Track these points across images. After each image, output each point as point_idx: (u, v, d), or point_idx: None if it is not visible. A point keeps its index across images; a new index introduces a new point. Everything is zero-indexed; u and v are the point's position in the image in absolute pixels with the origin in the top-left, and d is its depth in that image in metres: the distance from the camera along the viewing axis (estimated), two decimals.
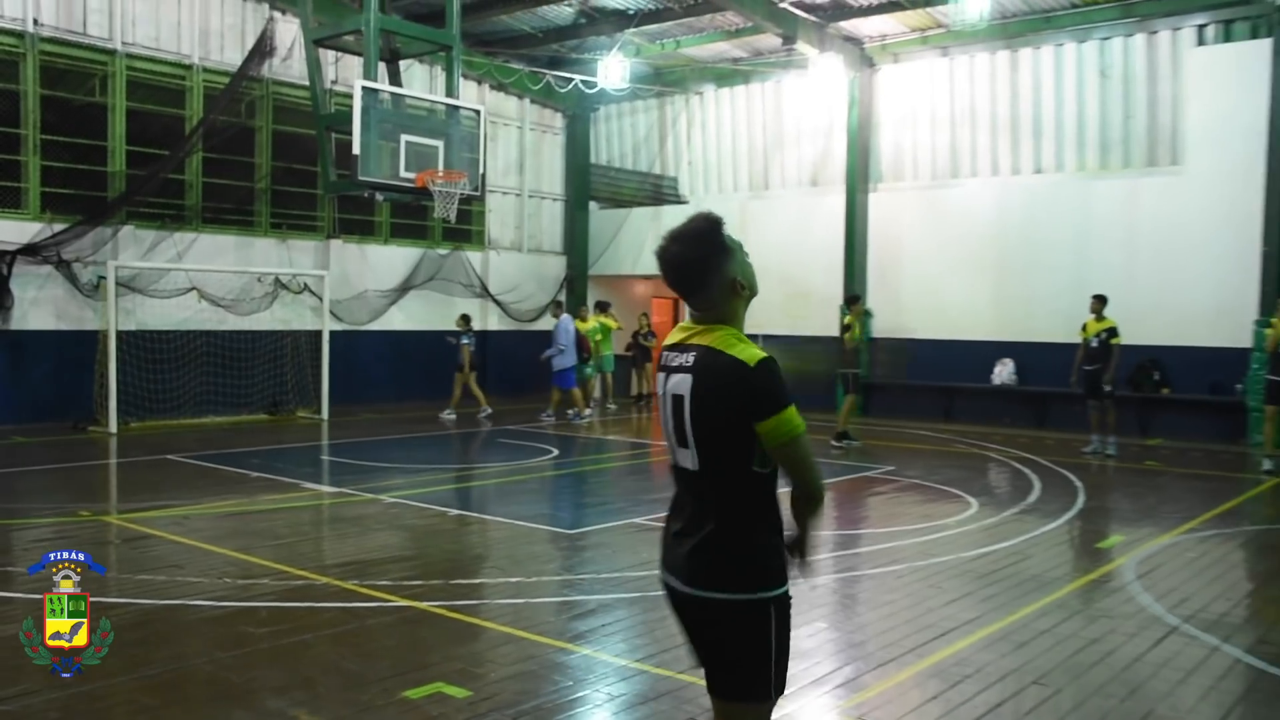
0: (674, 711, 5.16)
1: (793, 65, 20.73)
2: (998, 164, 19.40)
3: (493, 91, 22.54)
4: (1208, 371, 17.14)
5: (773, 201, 22.11)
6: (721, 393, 3.13)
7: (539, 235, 24.14)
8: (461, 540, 9.50)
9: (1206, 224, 17.00)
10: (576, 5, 19.89)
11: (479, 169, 16.14)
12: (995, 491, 12.22)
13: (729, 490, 3.19)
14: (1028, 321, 18.52)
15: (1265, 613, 7.41)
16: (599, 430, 18.00)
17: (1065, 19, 18.25)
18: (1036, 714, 5.24)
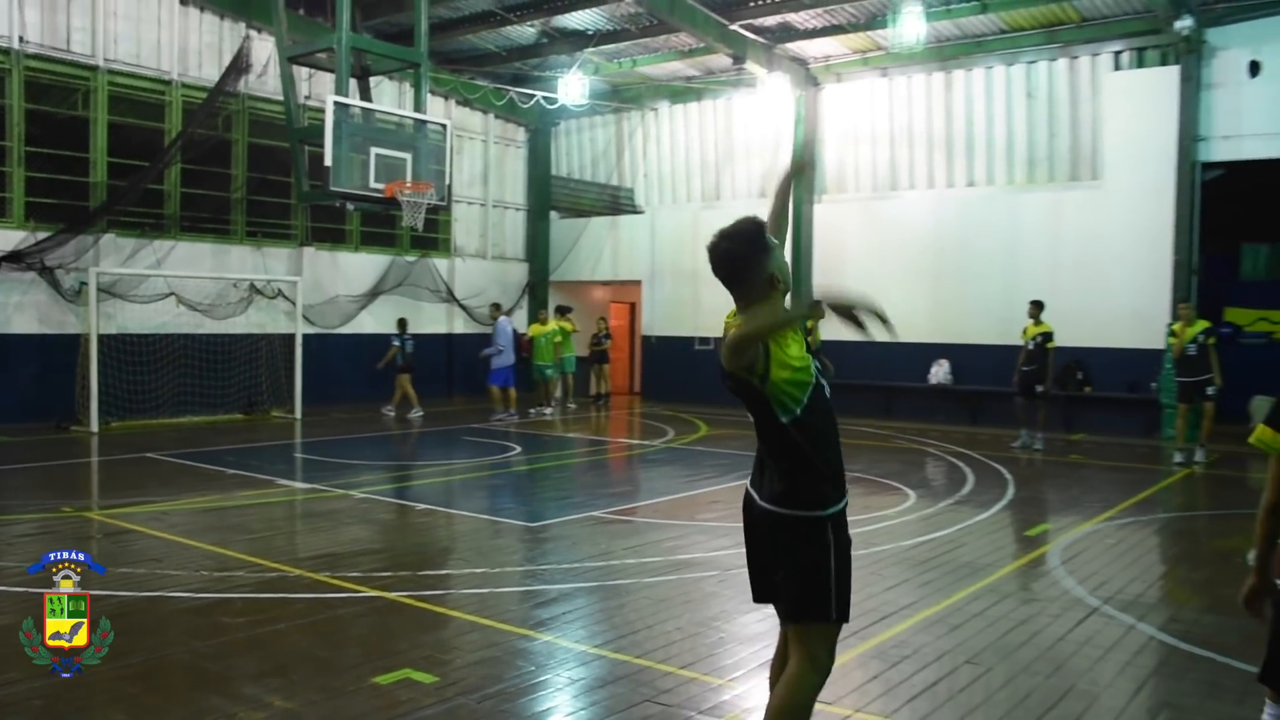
0: (631, 694, 5.17)
1: (742, 84, 20.82)
2: (933, 177, 19.58)
3: (459, 106, 22.46)
4: (1126, 371, 17.41)
5: (724, 212, 21.94)
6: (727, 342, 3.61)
7: (502, 243, 24.09)
8: (429, 534, 9.45)
9: (1124, 235, 17.25)
10: (538, 26, 19.86)
11: (445, 180, 16.07)
12: (932, 484, 12.32)
13: (765, 428, 3.71)
14: (962, 324, 18.71)
15: (1175, 593, 7.54)
16: (560, 428, 17.98)
17: (995, 44, 18.46)
18: (969, 691, 5.31)
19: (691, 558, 8.12)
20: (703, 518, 9.82)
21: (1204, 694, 5.33)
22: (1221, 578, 7.97)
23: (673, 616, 6.52)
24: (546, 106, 21.39)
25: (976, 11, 17.46)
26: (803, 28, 19.00)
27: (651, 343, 23.29)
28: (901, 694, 5.22)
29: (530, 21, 19.48)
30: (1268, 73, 16.21)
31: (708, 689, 5.26)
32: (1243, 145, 16.46)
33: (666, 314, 22.88)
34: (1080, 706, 5.10)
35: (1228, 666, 5.71)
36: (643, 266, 23.22)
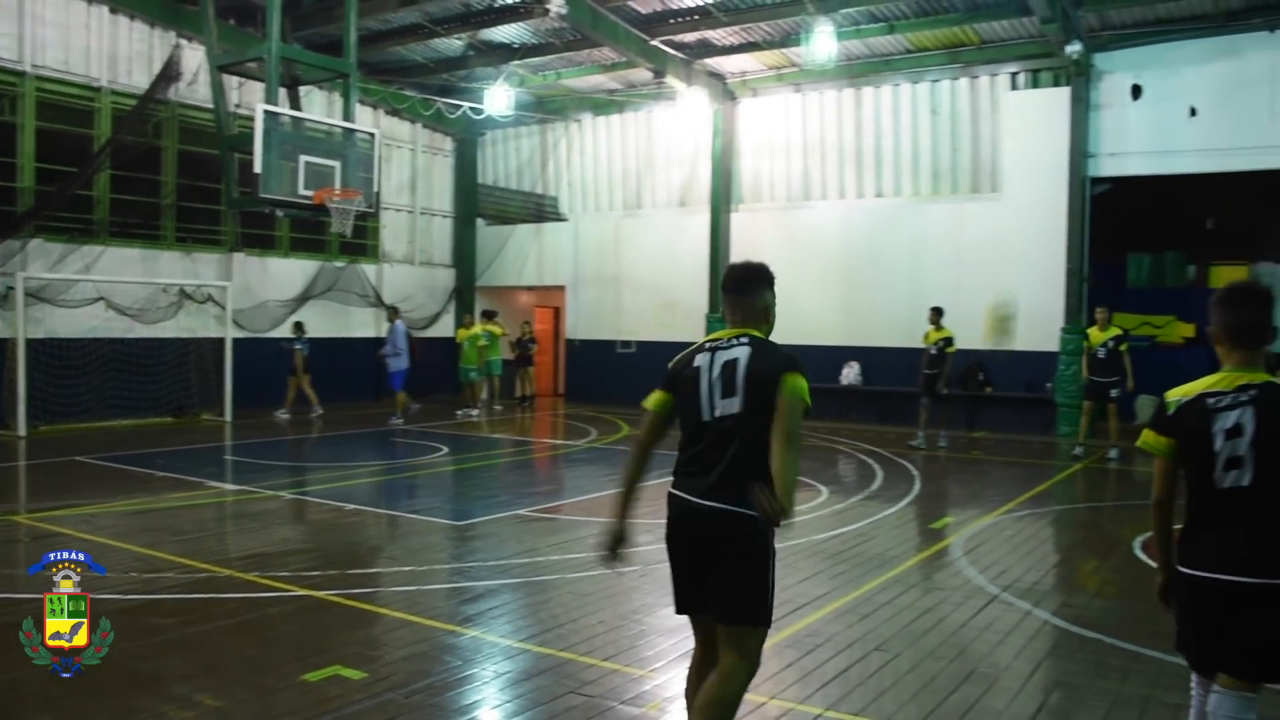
0: (555, 686, 5.17)
1: (663, 97, 20.90)
2: (844, 188, 19.83)
3: (387, 116, 22.22)
4: (1023, 372, 17.82)
5: (644, 220, 22.24)
6: (772, 357, 3.81)
7: (430, 249, 23.87)
8: (358, 533, 9.34)
9: (1021, 244, 17.66)
10: (465, 39, 19.73)
11: (373, 187, 15.89)
12: (843, 480, 12.47)
13: (761, 432, 3.74)
14: (871, 328, 18.98)
15: (1068, 580, 7.74)
16: (486, 429, 17.87)
17: (901, 62, 18.77)
18: (879, 676, 5.40)
19: None
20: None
21: (1092, 673, 5.49)
22: (1110, 565, 8.22)
23: (596, 610, 6.53)
24: (473, 117, 21.27)
25: (884, 32, 17.75)
26: (720, 44, 19.14)
27: (575, 346, 23.27)
28: (815, 681, 5.30)
29: (457, 34, 19.33)
30: (1148, 96, 16.75)
31: (629, 680, 5.28)
32: (1127, 162, 16.98)
33: (589, 318, 22.87)
34: (981, 688, 5.23)
35: (1114, 647, 5.89)
36: (566, 272, 23.19)
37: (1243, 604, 3.44)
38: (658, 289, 21.57)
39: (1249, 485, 3.47)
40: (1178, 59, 16.49)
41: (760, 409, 3.75)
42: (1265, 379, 3.54)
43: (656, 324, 21.35)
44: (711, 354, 3.92)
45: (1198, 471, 3.58)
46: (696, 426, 3.90)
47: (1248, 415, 3.48)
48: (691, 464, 3.90)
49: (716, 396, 3.84)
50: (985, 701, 5.05)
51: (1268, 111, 15.81)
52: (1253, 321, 3.61)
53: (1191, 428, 3.58)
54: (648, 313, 21.78)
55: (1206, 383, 3.63)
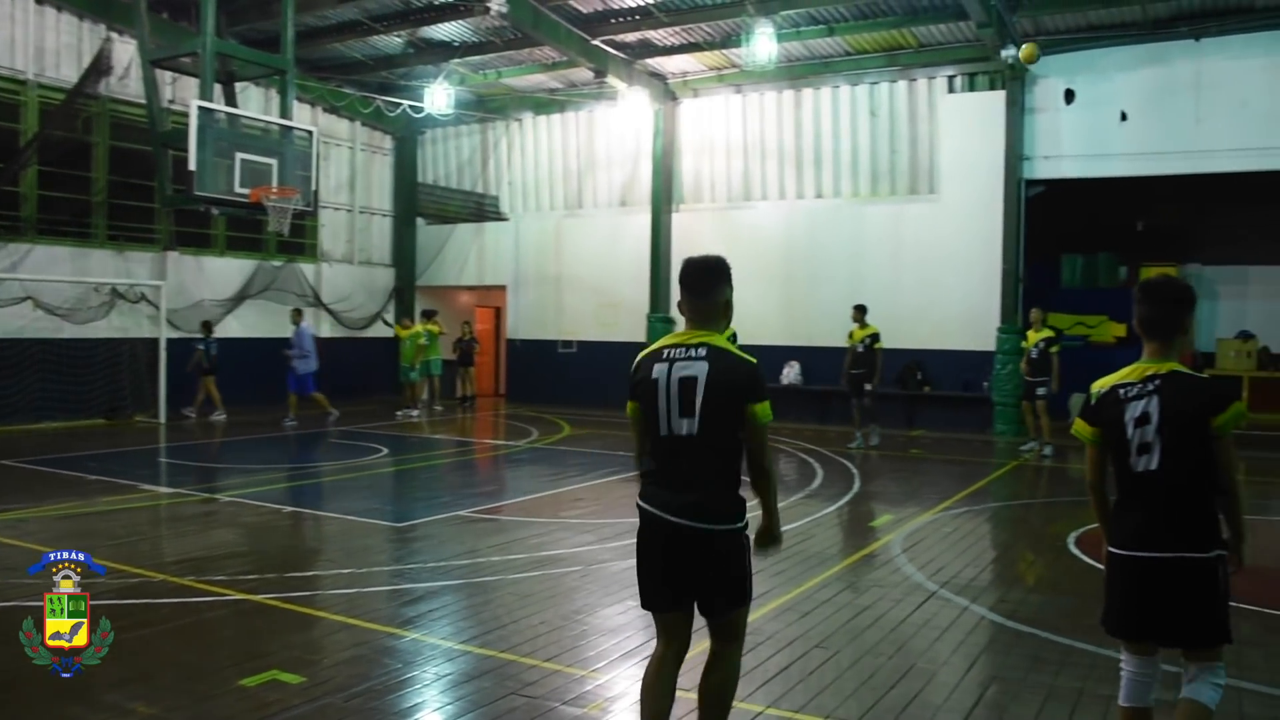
0: (497, 688, 5.14)
1: (604, 96, 20.89)
2: (784, 189, 19.98)
3: (325, 114, 21.97)
4: (961, 371, 18.09)
5: (586, 220, 22.22)
6: (732, 376, 3.84)
7: (369, 248, 23.64)
8: (296, 535, 9.22)
9: (958, 245, 17.93)
10: (405, 36, 19.56)
11: (311, 186, 15.70)
12: (784, 479, 12.50)
13: (721, 450, 3.85)
14: (811, 328, 19.13)
15: (1004, 576, 7.87)
16: (426, 430, 17.73)
17: (841, 65, 18.95)
18: (820, 673, 5.44)
19: (556, 554, 8.12)
20: (566, 515, 9.83)
21: (1028, 667, 5.58)
22: (1044, 560, 8.37)
23: (537, 611, 6.51)
24: (413, 115, 21.09)
25: (824, 34, 17.91)
26: (661, 44, 19.18)
27: (516, 346, 23.18)
28: (757, 678, 5.32)
29: (397, 32, 19.17)
30: (1080, 101, 17.11)
31: (571, 680, 5.27)
32: (1061, 165, 17.32)
33: (530, 318, 22.80)
34: (920, 683, 5.30)
35: (1049, 641, 5.99)
36: (507, 272, 23.09)
37: (1161, 578, 3.76)
38: (599, 289, 21.56)
39: (1157, 469, 3.78)
40: (1109, 65, 16.86)
41: (720, 429, 3.83)
42: (1171, 368, 3.83)
43: (598, 324, 21.36)
44: (669, 365, 3.89)
45: (1117, 458, 3.91)
46: (658, 440, 3.92)
47: (1153, 404, 3.79)
48: (661, 477, 3.91)
49: (674, 414, 3.85)
50: (924, 696, 5.12)
51: (1193, 117, 16.23)
52: (1157, 316, 3.89)
53: (1108, 417, 3.90)
54: (589, 313, 21.77)
55: (1121, 374, 3.93)
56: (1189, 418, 3.75)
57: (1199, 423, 3.75)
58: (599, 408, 19.61)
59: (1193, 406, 3.76)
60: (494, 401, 23.36)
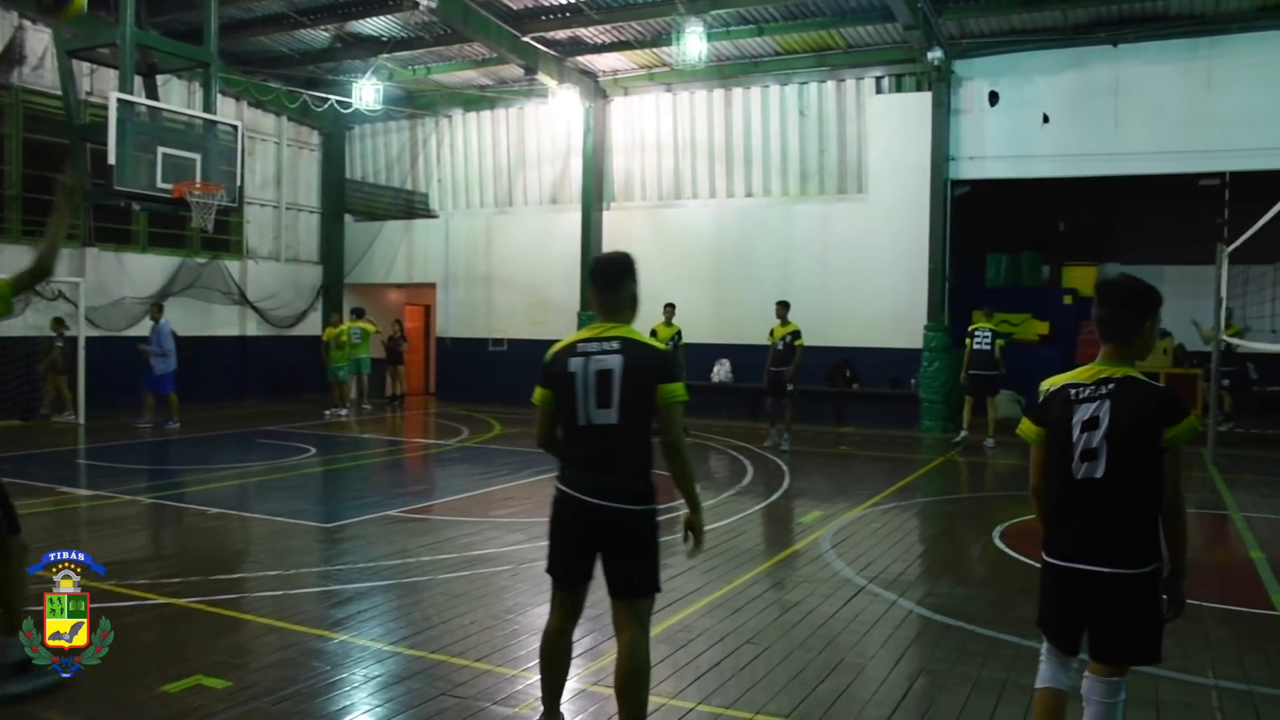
0: (427, 688, 5.09)
1: (534, 94, 20.80)
2: (715, 187, 20.09)
3: (250, 108, 21.57)
4: (889, 369, 18.35)
5: (516, 218, 22.12)
6: (646, 364, 4.10)
7: (296, 246, 23.26)
8: (221, 537, 9.03)
9: (886, 244, 18.17)
10: (332, 30, 19.28)
11: (236, 181, 15.38)
12: (715, 476, 12.62)
13: (639, 436, 4.11)
14: (741, 326, 19.24)
15: (931, 570, 7.98)
16: (356, 429, 17.51)
17: (770, 64, 19.10)
18: (751, 669, 5.48)
19: (486, 553, 8.07)
20: (497, 514, 9.77)
21: (955, 659, 5.67)
22: (970, 555, 8.52)
23: (468, 611, 6.46)
24: (340, 110, 20.79)
25: (754, 34, 18.03)
26: (592, 42, 19.16)
27: (446, 344, 23.00)
28: (689, 674, 5.34)
29: (324, 26, 18.88)
30: (1005, 103, 17.45)
31: (502, 680, 5.24)
32: (985, 165, 17.64)
33: (461, 316, 22.63)
34: (849, 677, 5.36)
35: (975, 634, 6.10)
36: (437, 270, 22.89)
37: (1098, 592, 3.61)
38: (530, 287, 21.48)
39: (1101, 477, 3.59)
40: (1031, 68, 17.22)
41: (636, 416, 4.11)
42: (1126, 373, 3.65)
43: (528, 322, 21.28)
44: (585, 359, 4.13)
45: (1058, 461, 3.72)
46: (577, 429, 4.17)
47: (1104, 408, 3.60)
48: (578, 463, 4.18)
49: (592, 406, 4.11)
50: (853, 690, 5.18)
51: (1112, 120, 16.65)
52: (1108, 317, 3.71)
53: (1055, 416, 3.73)
54: (519, 311, 21.67)
55: (1074, 374, 3.78)
56: (1140, 427, 3.55)
57: (1150, 433, 3.55)
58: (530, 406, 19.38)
59: (1145, 415, 3.56)
60: (424, 400, 23.16)
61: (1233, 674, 5.48)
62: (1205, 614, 6.64)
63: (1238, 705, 5.05)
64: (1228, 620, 6.58)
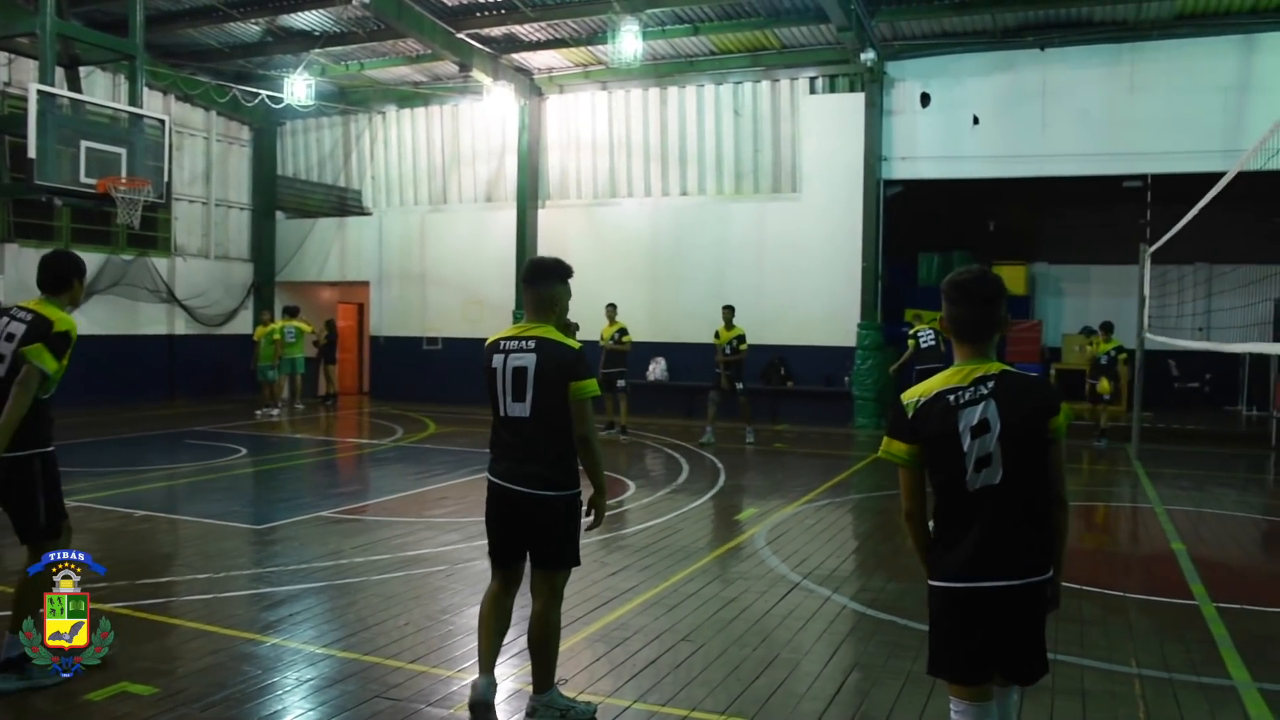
0: (361, 691, 5.04)
1: (469, 91, 20.67)
2: (650, 186, 20.12)
3: (178, 102, 21.12)
4: (823, 366, 18.54)
5: (451, 215, 21.95)
6: (556, 363, 4.44)
7: (226, 243, 22.84)
8: (149, 540, 8.84)
9: (820, 243, 18.35)
10: (263, 24, 18.97)
11: (164, 177, 15.05)
12: (651, 474, 12.65)
13: (551, 428, 4.47)
14: (676, 324, 19.31)
15: (865, 566, 8.07)
16: (287, 429, 17.25)
17: (705, 64, 19.18)
18: (688, 665, 5.49)
19: (421, 553, 8.00)
20: (432, 514, 9.70)
21: (888, 653, 5.74)
22: (903, 550, 8.61)
23: (403, 612, 6.40)
24: (271, 106, 20.47)
25: (689, 33, 18.09)
26: (527, 40, 19.08)
27: (380, 343, 22.76)
28: (625, 672, 5.35)
29: (254, 19, 18.57)
30: (936, 104, 17.72)
31: (437, 681, 5.20)
32: (917, 166, 17.90)
33: (394, 314, 22.41)
34: (785, 673, 5.40)
35: (907, 628, 6.18)
36: (370, 268, 22.64)
37: (1011, 608, 3.29)
38: (464, 285, 21.34)
39: (999, 483, 3.27)
40: (962, 70, 17.50)
41: (548, 410, 4.47)
42: (1000, 368, 3.36)
43: (463, 320, 21.14)
44: (505, 356, 4.54)
45: (945, 475, 3.35)
46: (497, 420, 4.61)
47: (991, 409, 3.28)
48: (501, 452, 4.59)
49: (510, 399, 4.52)
50: (788, 685, 5.22)
51: (1040, 123, 16.99)
52: (975, 317, 3.41)
53: (937, 429, 3.34)
54: (454, 309, 21.52)
55: (943, 379, 3.41)
56: (1031, 421, 3.29)
57: (1039, 426, 3.30)
58: (465, 405, 19.39)
59: (1033, 408, 3.30)
60: (357, 399, 22.89)
61: (1155, 663, 5.62)
62: (1129, 605, 6.82)
63: (1159, 693, 5.18)
64: (1150, 611, 6.75)
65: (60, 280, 5.34)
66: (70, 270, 5.39)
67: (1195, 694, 5.18)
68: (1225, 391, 20.23)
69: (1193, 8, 15.94)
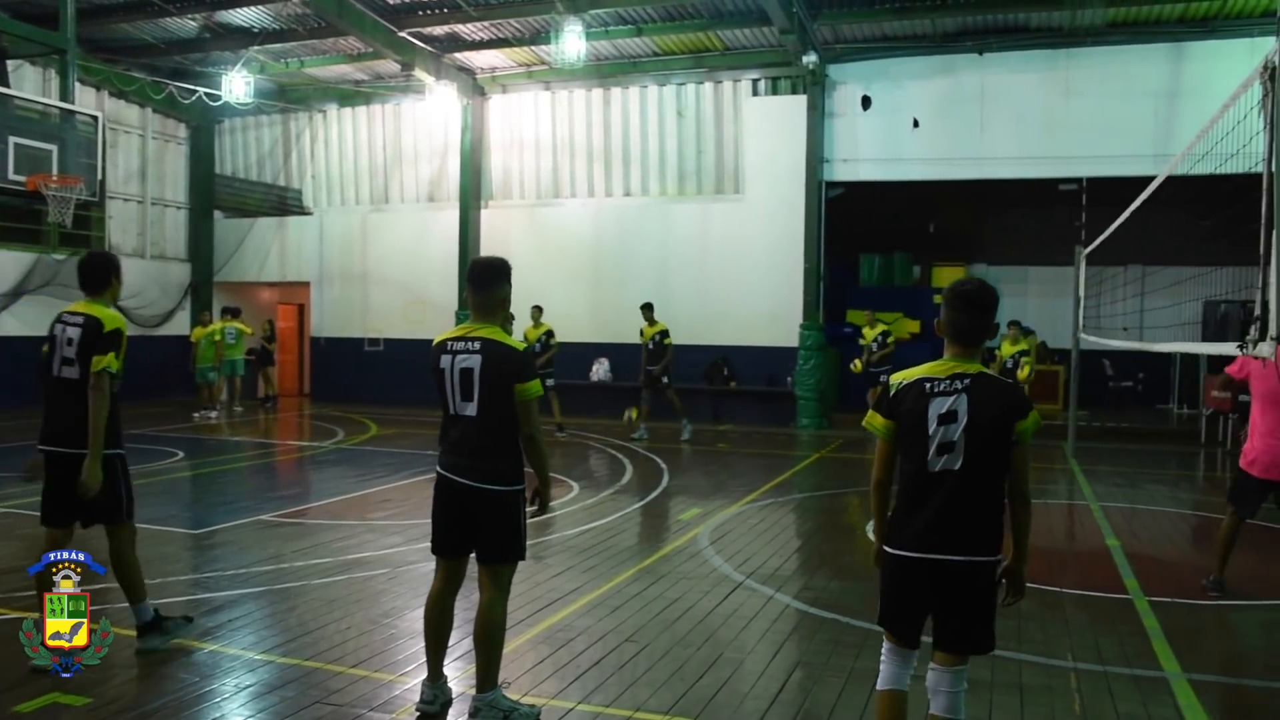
0: (301, 697, 4.97)
1: (411, 90, 20.52)
2: (593, 187, 20.11)
3: (112, 98, 20.70)
4: (765, 367, 18.65)
5: (393, 215, 21.77)
6: (502, 365, 4.55)
7: (162, 242, 22.43)
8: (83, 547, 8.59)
9: (763, 244, 18.47)
10: (200, 20, 18.66)
11: (97, 175, 14.79)
12: (594, 475, 12.62)
13: (498, 426, 4.58)
14: (619, 325, 19.29)
15: (807, 565, 8.13)
16: (226, 431, 16.99)
17: (649, 65, 19.21)
18: (632, 666, 5.50)
19: (362, 556, 7.92)
20: (373, 516, 9.60)
21: (830, 651, 5.79)
22: (845, 548, 8.71)
23: (344, 616, 6.33)
24: (209, 103, 20.14)
25: (632, 34, 18.11)
26: (469, 39, 18.98)
27: (320, 344, 22.50)
28: (570, 673, 5.34)
29: (191, 15, 18.27)
30: (876, 107, 17.92)
31: (379, 686, 5.15)
32: (858, 168, 18.09)
33: (335, 315, 22.17)
34: (729, 671, 5.42)
35: (849, 625, 6.24)
36: (311, 268, 22.37)
37: (950, 581, 3.71)
38: (406, 286, 21.17)
39: (959, 469, 3.69)
40: (902, 74, 17.72)
41: (494, 409, 4.58)
42: (978, 369, 3.78)
43: (405, 321, 20.97)
44: (452, 357, 4.64)
45: (910, 454, 3.80)
46: (449, 417, 4.70)
47: (962, 402, 3.70)
48: (449, 446, 4.68)
49: (458, 399, 4.63)
50: (732, 684, 5.24)
51: (978, 126, 17.25)
52: (972, 324, 3.82)
53: (909, 409, 3.79)
54: (396, 310, 21.34)
55: (926, 368, 3.85)
56: (996, 420, 3.69)
57: (1005, 426, 3.70)
58: (407, 406, 19.24)
59: (1001, 410, 3.71)
60: (298, 401, 22.60)
61: (1090, 656, 5.74)
62: (1065, 600, 6.94)
63: (1094, 686, 5.28)
64: (1085, 605, 6.88)
65: (99, 280, 5.98)
66: (108, 269, 6.07)
67: (1128, 686, 5.29)
68: (1157, 390, 20.70)
69: (1125, 16, 16.30)
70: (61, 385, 5.55)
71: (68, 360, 5.57)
